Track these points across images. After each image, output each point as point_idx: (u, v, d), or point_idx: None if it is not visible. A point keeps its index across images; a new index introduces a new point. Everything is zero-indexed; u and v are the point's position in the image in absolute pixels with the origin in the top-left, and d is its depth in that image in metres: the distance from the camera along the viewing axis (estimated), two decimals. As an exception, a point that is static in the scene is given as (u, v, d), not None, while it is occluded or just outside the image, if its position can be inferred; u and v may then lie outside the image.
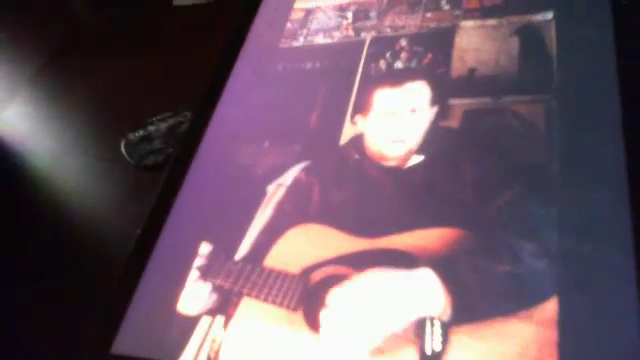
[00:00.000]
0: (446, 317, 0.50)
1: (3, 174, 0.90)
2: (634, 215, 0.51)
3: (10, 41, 1.14)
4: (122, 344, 0.60)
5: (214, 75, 0.81)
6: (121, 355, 0.60)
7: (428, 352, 0.49)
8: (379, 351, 0.51)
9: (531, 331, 0.47)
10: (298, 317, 0.55)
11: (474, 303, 0.50)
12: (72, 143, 0.91)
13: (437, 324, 0.50)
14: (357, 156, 0.65)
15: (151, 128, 0.84)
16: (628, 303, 0.47)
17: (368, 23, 0.79)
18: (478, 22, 0.72)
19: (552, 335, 0.47)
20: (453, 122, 0.64)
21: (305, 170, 0.66)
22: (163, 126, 0.83)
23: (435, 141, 0.63)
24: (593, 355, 0.46)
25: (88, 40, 1.09)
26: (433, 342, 0.49)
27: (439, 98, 0.66)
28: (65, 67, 1.04)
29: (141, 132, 0.84)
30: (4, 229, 0.83)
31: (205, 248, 0.63)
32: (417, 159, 0.62)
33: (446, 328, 0.50)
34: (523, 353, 0.47)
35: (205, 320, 0.58)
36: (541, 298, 0.49)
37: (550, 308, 0.48)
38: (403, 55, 0.72)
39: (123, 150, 0.83)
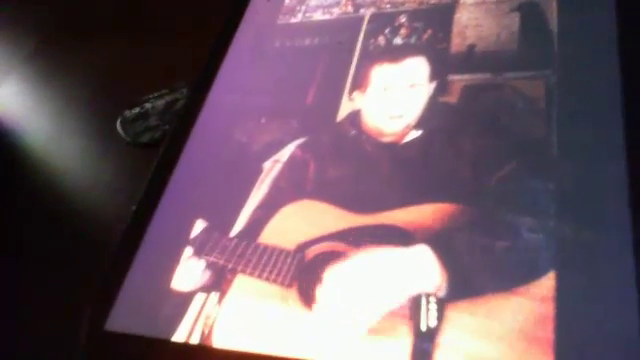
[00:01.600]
0: (442, 293, 0.50)
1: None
2: (632, 192, 0.50)
3: (6, 19, 1.13)
4: (116, 321, 0.60)
5: (211, 52, 0.80)
6: (115, 332, 0.59)
7: (423, 328, 0.48)
8: (374, 328, 0.50)
9: (528, 307, 0.47)
10: (292, 293, 0.54)
11: (470, 279, 0.50)
12: (68, 121, 0.91)
13: (432, 300, 0.49)
14: (354, 132, 0.65)
15: (147, 105, 0.83)
16: (625, 279, 0.46)
17: (367, -1, 0.78)
18: (479, -2, 0.71)
19: (549, 311, 0.46)
20: (452, 97, 0.63)
21: (301, 146, 0.66)
22: (159, 103, 0.83)
23: (433, 116, 0.62)
24: (590, 331, 0.45)
25: (85, 19, 1.08)
26: (428, 318, 0.49)
27: (438, 74, 0.65)
28: (61, 46, 1.03)
29: (137, 109, 0.83)
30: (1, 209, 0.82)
31: (200, 225, 0.63)
32: (415, 134, 0.61)
33: (442, 304, 0.49)
34: (519, 328, 0.46)
35: (199, 297, 0.58)
36: (538, 274, 0.48)
37: (547, 284, 0.47)
38: (402, 31, 0.71)
39: (119, 127, 0.82)
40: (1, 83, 0.99)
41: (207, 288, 0.58)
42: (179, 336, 0.56)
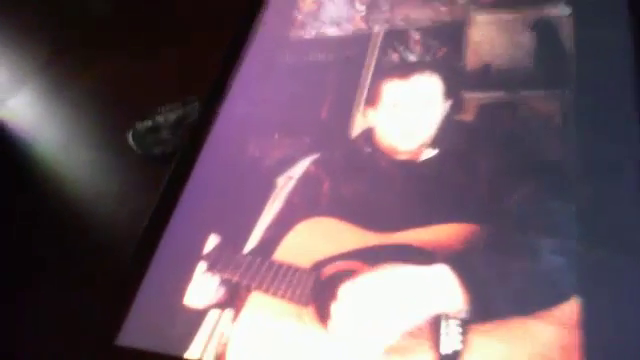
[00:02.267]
0: (463, 315, 0.49)
1: (9, 161, 0.90)
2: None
3: (20, 30, 1.13)
4: (127, 336, 0.59)
5: (223, 66, 0.80)
6: (126, 347, 0.59)
7: (444, 351, 0.48)
8: (392, 349, 0.50)
9: (552, 332, 0.46)
10: (309, 312, 0.54)
11: (491, 301, 0.49)
12: (80, 132, 0.91)
13: (453, 322, 0.49)
14: (368, 149, 0.64)
15: (159, 118, 0.83)
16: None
17: (380, 15, 0.78)
18: (492, 15, 0.71)
19: (575, 337, 0.46)
20: (468, 116, 0.63)
21: (315, 163, 0.65)
22: (171, 116, 0.82)
23: (449, 135, 0.62)
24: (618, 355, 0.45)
25: (99, 31, 1.08)
26: (450, 341, 0.48)
27: (453, 91, 0.65)
28: (74, 57, 1.03)
29: (149, 122, 0.83)
30: (10, 218, 0.82)
31: (213, 240, 0.63)
32: (430, 153, 0.61)
33: (464, 327, 0.49)
34: (545, 355, 0.46)
35: (213, 314, 0.58)
36: (561, 298, 0.48)
37: (571, 309, 0.47)
38: (416, 48, 0.71)
39: (130, 140, 0.82)
40: (15, 93, 0.99)
41: (221, 305, 0.58)
42: (192, 353, 0.56)
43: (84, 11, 1.13)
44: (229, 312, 0.57)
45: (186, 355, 0.56)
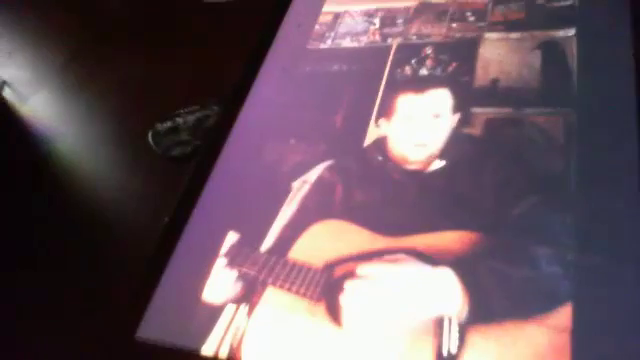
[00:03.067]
0: (463, 316, 0.53)
1: (29, 159, 0.92)
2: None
3: (41, 29, 1.16)
4: (147, 330, 0.62)
5: (243, 71, 0.84)
6: (146, 340, 0.62)
7: (445, 350, 0.51)
8: (398, 345, 0.53)
9: (545, 336, 0.50)
10: (320, 309, 0.57)
11: (490, 305, 0.53)
12: (100, 131, 0.93)
13: (454, 323, 0.52)
14: (380, 158, 0.68)
15: (179, 120, 0.86)
16: None
17: (395, 30, 0.81)
18: (502, 34, 0.74)
19: (566, 341, 0.49)
20: (475, 130, 0.66)
21: (329, 169, 0.69)
22: (190, 119, 0.86)
23: (457, 147, 0.65)
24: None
25: (117, 32, 1.11)
26: (450, 341, 0.52)
27: (462, 106, 0.68)
28: (93, 58, 1.06)
29: (169, 123, 0.86)
30: (32, 215, 0.85)
31: (231, 238, 0.66)
32: (439, 164, 0.65)
33: (463, 328, 0.52)
34: (538, 356, 0.49)
35: (229, 308, 0.61)
36: (556, 304, 0.51)
37: (565, 314, 0.50)
38: (428, 62, 0.74)
39: (150, 140, 0.85)
40: (36, 91, 1.02)
41: (237, 300, 0.61)
42: (209, 347, 0.59)
43: (103, 11, 1.17)
44: (245, 307, 0.60)
45: (203, 347, 0.59)
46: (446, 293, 0.54)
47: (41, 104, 1.00)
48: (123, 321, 0.64)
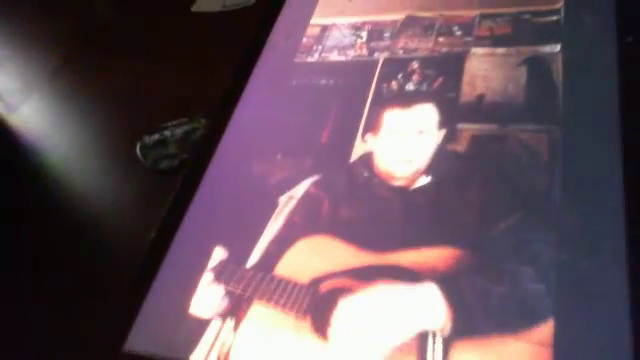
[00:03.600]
0: (446, 331, 0.53)
1: (17, 169, 0.93)
2: (630, 247, 0.53)
3: (30, 37, 1.16)
4: (135, 343, 0.63)
5: (230, 84, 0.84)
6: (133, 353, 0.62)
7: (429, 364, 0.52)
8: (382, 361, 0.54)
9: (527, 351, 0.50)
10: (305, 325, 0.58)
11: (473, 320, 0.53)
12: (87, 142, 0.94)
13: (438, 338, 0.53)
14: (366, 174, 0.68)
15: (167, 133, 0.86)
16: (620, 328, 0.49)
17: (382, 44, 0.82)
18: (488, 49, 0.75)
19: (547, 356, 0.50)
20: (460, 146, 0.67)
21: (315, 184, 0.69)
22: (178, 131, 0.86)
23: (442, 163, 0.66)
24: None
25: (106, 41, 1.11)
26: (434, 356, 0.52)
27: (447, 122, 0.69)
28: (82, 66, 1.07)
29: (157, 136, 0.86)
30: (18, 224, 0.85)
31: (218, 253, 0.66)
32: (424, 180, 0.65)
33: (447, 343, 0.52)
34: (520, 370, 0.50)
35: (216, 322, 0.61)
36: (537, 320, 0.51)
37: (546, 329, 0.51)
38: (414, 77, 0.75)
39: (138, 152, 0.85)
40: (25, 100, 1.02)
41: (224, 315, 0.62)
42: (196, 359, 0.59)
43: (92, 21, 1.17)
44: (231, 322, 0.61)
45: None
46: (430, 309, 0.55)
47: (31, 112, 1.00)
48: (111, 334, 0.64)
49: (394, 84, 0.75)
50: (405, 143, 0.69)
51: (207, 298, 0.63)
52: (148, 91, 0.97)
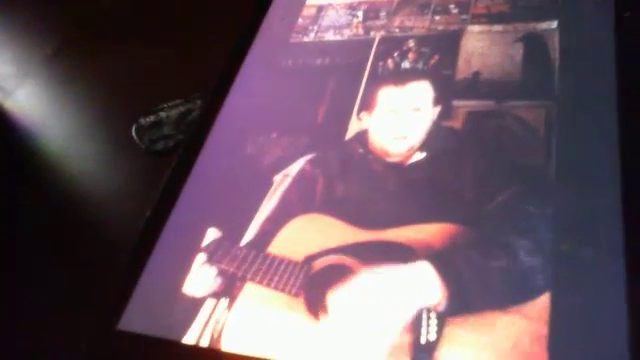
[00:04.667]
0: (442, 308, 0.53)
1: (13, 153, 0.92)
2: (626, 218, 0.53)
3: (24, 22, 1.16)
4: (128, 322, 0.63)
5: (226, 65, 0.83)
6: (127, 332, 0.62)
7: (423, 341, 0.51)
8: (375, 338, 0.53)
9: (523, 325, 0.50)
10: (299, 302, 0.57)
11: (469, 296, 0.53)
12: (84, 125, 0.93)
13: (433, 315, 0.52)
14: (361, 151, 0.68)
15: (162, 114, 0.86)
16: (617, 303, 0.49)
17: (378, 22, 0.81)
18: (485, 27, 0.74)
19: (543, 330, 0.49)
20: (456, 122, 0.66)
21: (311, 162, 0.69)
22: (174, 113, 0.86)
23: (437, 140, 0.65)
24: (581, 351, 0.48)
25: (102, 24, 1.11)
26: (428, 332, 0.52)
27: (443, 98, 0.68)
28: (79, 50, 1.06)
29: (152, 118, 0.86)
30: (13, 209, 0.85)
31: (212, 233, 0.66)
32: (419, 156, 0.65)
33: (441, 319, 0.52)
34: (514, 346, 0.49)
35: (210, 302, 0.61)
36: (534, 294, 0.51)
37: (542, 304, 0.50)
38: (410, 55, 0.74)
39: (134, 134, 0.85)
40: (19, 85, 1.02)
41: (217, 294, 0.61)
42: (189, 338, 0.59)
43: (87, 5, 1.16)
44: (225, 301, 0.60)
45: (183, 340, 0.59)
46: (425, 285, 0.55)
47: (26, 97, 1.00)
48: (105, 313, 0.64)
49: (390, 62, 0.74)
50: (400, 120, 0.68)
51: (201, 277, 0.63)
52: (143, 74, 0.97)
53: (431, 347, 0.51)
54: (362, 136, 0.69)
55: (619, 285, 0.50)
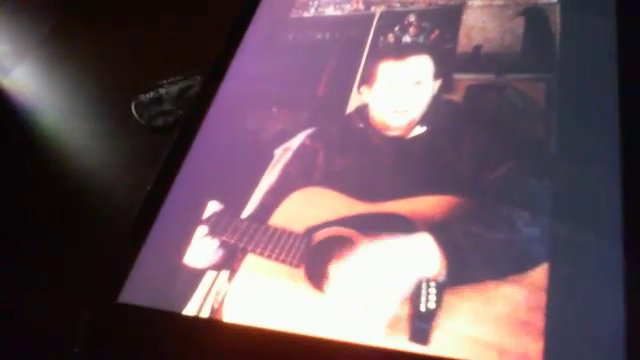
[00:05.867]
0: (441, 278, 0.53)
1: (12, 131, 0.92)
2: (624, 192, 0.53)
3: (22, 2, 1.15)
4: (129, 294, 0.63)
5: (226, 40, 0.83)
6: (128, 304, 0.62)
7: (422, 310, 0.52)
8: (375, 308, 0.53)
9: (520, 295, 0.50)
10: (299, 273, 0.58)
11: (468, 266, 0.53)
12: (83, 102, 0.93)
13: (432, 285, 0.53)
14: (361, 125, 0.68)
15: (162, 90, 0.86)
16: (614, 273, 0.49)
17: (377, -3, 0.81)
18: (486, 1, 0.73)
19: (540, 300, 0.49)
20: (456, 96, 0.66)
21: (311, 136, 0.69)
22: (173, 89, 0.86)
23: (438, 113, 0.65)
24: (577, 320, 0.48)
25: (101, 3, 1.10)
26: (428, 302, 0.52)
27: (443, 72, 0.68)
28: (77, 28, 1.06)
29: (152, 94, 0.86)
30: (12, 185, 0.85)
31: (213, 206, 0.66)
32: (420, 130, 0.65)
33: (441, 289, 0.52)
34: (512, 315, 0.49)
35: (210, 274, 0.61)
36: (532, 264, 0.51)
37: (540, 274, 0.51)
38: (411, 30, 0.74)
39: (134, 110, 0.85)
40: (17, 64, 1.01)
41: (218, 266, 0.62)
42: (190, 310, 0.59)
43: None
44: (225, 272, 0.61)
45: (184, 311, 0.59)
46: (425, 256, 0.55)
47: (23, 76, 1.00)
48: (107, 285, 0.64)
49: (390, 37, 0.74)
50: (401, 94, 0.68)
51: (202, 249, 0.63)
52: (143, 50, 0.97)
53: (430, 316, 0.51)
54: (362, 110, 0.69)
55: (617, 255, 0.50)
